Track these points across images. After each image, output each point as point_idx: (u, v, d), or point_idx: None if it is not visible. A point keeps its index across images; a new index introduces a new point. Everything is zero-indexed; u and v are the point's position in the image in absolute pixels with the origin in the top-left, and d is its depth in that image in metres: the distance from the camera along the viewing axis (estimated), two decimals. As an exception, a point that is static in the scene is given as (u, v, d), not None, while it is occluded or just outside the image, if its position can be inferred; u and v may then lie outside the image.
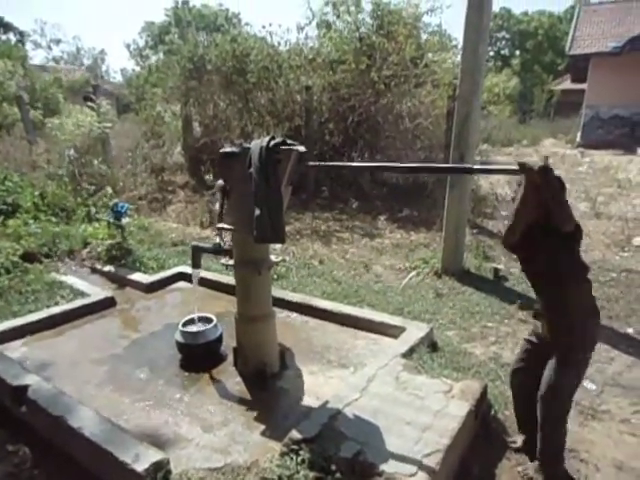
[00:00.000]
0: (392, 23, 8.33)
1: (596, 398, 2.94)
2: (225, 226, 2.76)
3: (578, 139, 17.75)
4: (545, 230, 2.06)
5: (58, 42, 41.39)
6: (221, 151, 2.69)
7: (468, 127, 4.53)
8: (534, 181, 1.92)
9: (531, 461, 2.38)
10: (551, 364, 2.19)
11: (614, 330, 3.80)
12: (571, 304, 2.14)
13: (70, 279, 4.57)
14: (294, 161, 2.45)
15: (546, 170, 1.87)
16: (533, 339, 2.35)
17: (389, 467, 1.98)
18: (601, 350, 3.45)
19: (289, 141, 2.49)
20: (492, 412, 2.69)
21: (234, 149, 2.60)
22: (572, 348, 2.16)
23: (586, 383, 3.05)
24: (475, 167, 2.15)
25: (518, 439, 2.52)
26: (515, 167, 1.94)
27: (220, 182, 3.25)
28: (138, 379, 2.93)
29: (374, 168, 2.08)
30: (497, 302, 4.24)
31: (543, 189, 1.92)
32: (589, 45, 17.92)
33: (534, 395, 2.24)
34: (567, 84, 26.63)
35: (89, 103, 9.02)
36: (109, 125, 8.90)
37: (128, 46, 42.63)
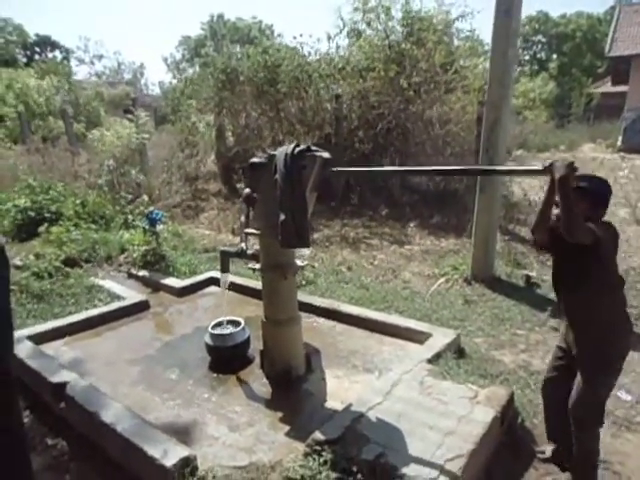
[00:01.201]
0: (422, 30, 8.33)
1: (631, 409, 2.84)
2: (252, 231, 2.84)
3: (619, 143, 17.14)
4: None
5: (100, 58, 43.31)
6: (250, 161, 2.79)
7: (497, 132, 4.48)
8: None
9: (563, 471, 2.33)
10: (577, 380, 2.15)
11: (652, 339, 3.65)
12: (595, 319, 2.08)
13: (108, 283, 4.78)
14: (318, 167, 2.50)
15: (564, 178, 1.82)
16: (563, 345, 2.30)
17: (410, 470, 1.99)
18: (638, 359, 3.33)
19: (313, 148, 2.55)
20: (520, 420, 2.64)
21: (262, 160, 2.69)
22: (595, 367, 2.10)
23: (621, 393, 2.96)
24: (497, 168, 2.16)
25: (547, 449, 2.47)
26: (537, 168, 1.93)
27: (246, 191, 3.35)
28: (169, 379, 3.04)
29: (398, 172, 2.13)
30: (528, 309, 4.15)
31: (557, 192, 1.88)
32: (630, 46, 17.36)
33: (565, 405, 2.20)
34: (607, 87, 25.79)
35: (128, 115, 9.42)
36: (146, 136, 9.26)
37: (166, 60, 44.13)
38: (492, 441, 2.34)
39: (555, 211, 2.04)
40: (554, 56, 40.68)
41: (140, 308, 4.13)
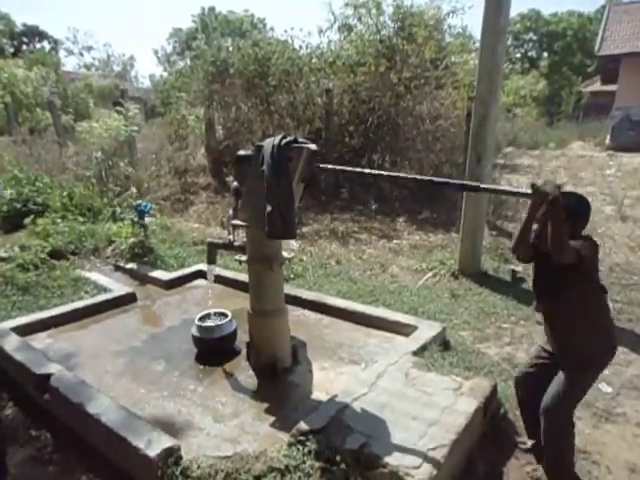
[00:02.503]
0: (413, 25, 8.33)
1: (611, 401, 2.89)
2: (239, 223, 2.83)
3: (607, 141, 17.29)
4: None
5: (90, 49, 42.67)
6: (237, 154, 2.81)
7: (485, 128, 4.51)
8: (541, 204, 1.93)
9: (538, 463, 2.36)
10: (558, 378, 2.18)
11: (634, 333, 3.72)
12: (575, 325, 2.12)
13: (94, 275, 4.74)
14: (305, 159, 2.50)
15: (556, 200, 1.82)
16: (548, 348, 2.33)
17: (393, 459, 2.01)
18: (619, 353, 3.34)
19: (300, 139, 2.55)
20: (502, 411, 2.67)
21: (248, 152, 2.70)
22: (576, 371, 2.14)
23: (602, 386, 3.01)
24: (483, 186, 2.19)
25: (528, 440, 2.51)
26: (525, 191, 1.93)
27: (235, 184, 3.35)
28: (155, 371, 3.03)
29: (380, 176, 2.16)
30: (513, 303, 4.20)
31: (548, 214, 1.91)
32: (619, 45, 17.46)
33: (539, 402, 2.23)
34: (597, 86, 25.99)
35: (117, 107, 9.32)
36: (135, 129, 9.16)
37: (156, 52, 43.62)
38: (475, 431, 2.37)
39: (535, 227, 2.10)
40: (545, 54, 40.92)
41: (127, 300, 4.11)
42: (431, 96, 8.17)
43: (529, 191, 1.90)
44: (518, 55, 41.74)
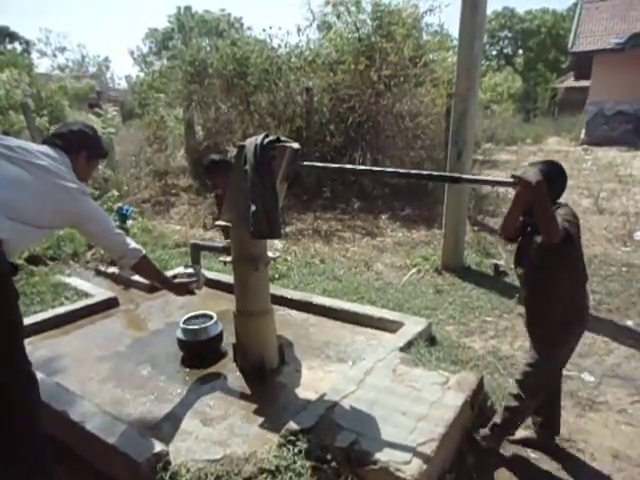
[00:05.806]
0: (392, 23, 8.38)
1: (594, 390, 2.95)
2: (223, 223, 2.81)
3: (582, 136, 17.69)
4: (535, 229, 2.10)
5: (63, 50, 41.96)
6: (209, 158, 2.79)
7: (465, 124, 4.56)
8: (525, 192, 1.91)
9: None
10: (529, 352, 2.29)
11: (614, 323, 3.81)
12: (552, 303, 2.17)
13: (75, 281, 4.64)
14: (288, 158, 2.49)
15: (539, 186, 1.80)
16: None
17: (384, 455, 2.01)
18: (600, 342, 3.47)
19: (283, 138, 2.54)
20: (489, 404, 2.70)
21: (218, 157, 2.70)
22: (546, 344, 2.22)
23: (584, 375, 3.07)
24: (464, 176, 2.20)
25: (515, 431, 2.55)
26: (507, 180, 1.95)
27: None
28: (140, 375, 2.98)
29: (363, 172, 2.15)
30: (497, 297, 4.26)
31: (534, 201, 1.90)
32: (592, 42, 17.85)
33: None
34: (570, 82, 26.55)
35: (95, 109, 9.16)
36: (113, 131, 9.01)
37: (132, 53, 43.04)
38: (463, 424, 2.39)
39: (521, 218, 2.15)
40: (520, 51, 41.63)
41: (109, 305, 4.03)
42: (411, 94, 8.24)
43: (511, 180, 1.89)
44: (494, 52, 42.40)
